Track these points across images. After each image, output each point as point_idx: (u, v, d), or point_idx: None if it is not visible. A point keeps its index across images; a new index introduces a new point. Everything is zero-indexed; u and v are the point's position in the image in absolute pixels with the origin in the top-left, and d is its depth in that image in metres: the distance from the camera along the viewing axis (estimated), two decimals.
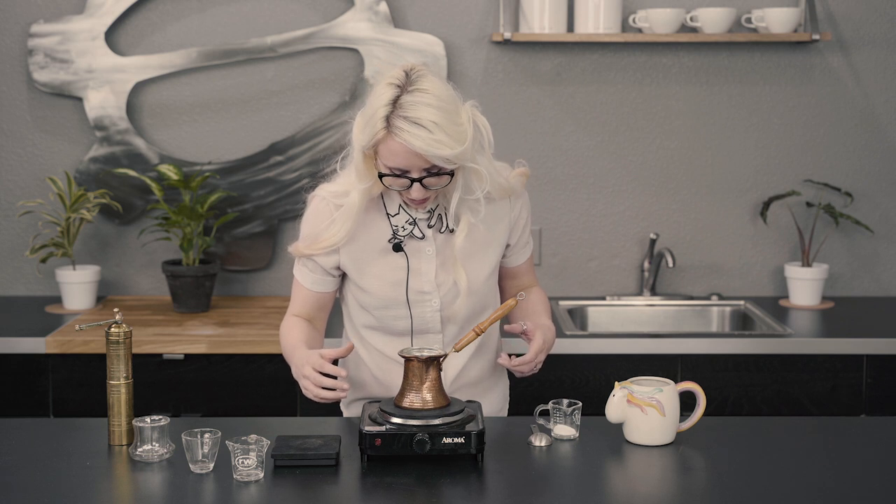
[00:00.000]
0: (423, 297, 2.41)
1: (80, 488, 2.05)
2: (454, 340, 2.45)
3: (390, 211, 2.40)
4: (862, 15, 3.75)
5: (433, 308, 2.42)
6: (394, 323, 2.44)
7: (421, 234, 2.40)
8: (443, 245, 2.41)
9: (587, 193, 3.82)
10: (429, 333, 2.44)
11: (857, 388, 3.26)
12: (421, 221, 2.40)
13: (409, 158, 2.22)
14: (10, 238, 3.79)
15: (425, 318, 2.43)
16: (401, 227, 2.39)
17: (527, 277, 2.61)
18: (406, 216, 2.39)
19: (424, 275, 2.41)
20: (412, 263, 2.40)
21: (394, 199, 2.39)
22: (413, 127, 2.18)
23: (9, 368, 3.23)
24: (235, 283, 3.83)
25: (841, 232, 3.84)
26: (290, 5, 3.72)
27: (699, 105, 3.79)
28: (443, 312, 2.43)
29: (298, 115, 3.75)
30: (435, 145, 2.19)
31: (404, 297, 2.40)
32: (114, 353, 2.25)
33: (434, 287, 2.41)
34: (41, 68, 3.67)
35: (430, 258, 2.41)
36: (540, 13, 3.61)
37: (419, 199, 2.31)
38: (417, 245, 2.40)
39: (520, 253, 2.56)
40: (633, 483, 2.15)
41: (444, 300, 2.42)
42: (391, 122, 2.20)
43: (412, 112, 2.19)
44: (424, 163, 2.23)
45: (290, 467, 2.11)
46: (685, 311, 3.75)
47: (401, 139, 2.19)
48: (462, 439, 2.12)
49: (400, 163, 2.23)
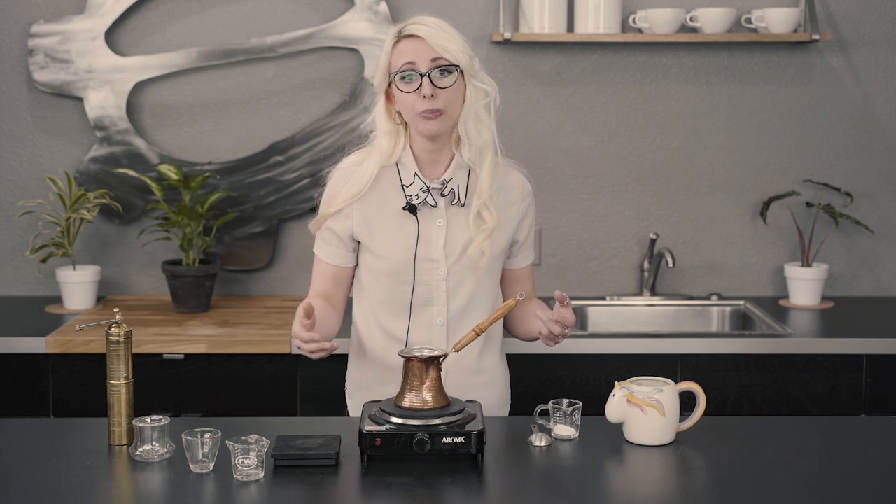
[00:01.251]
0: (431, 266, 2.46)
1: (80, 488, 2.05)
2: (457, 316, 2.48)
3: (405, 181, 2.47)
4: (862, 15, 3.75)
5: (439, 277, 2.46)
6: (401, 290, 2.47)
7: (434, 202, 2.46)
8: (454, 216, 2.47)
9: (587, 193, 3.82)
10: (433, 306, 2.47)
11: (857, 388, 3.26)
12: (434, 191, 2.46)
13: (416, 50, 2.39)
14: (10, 238, 3.79)
15: (431, 287, 2.46)
16: (415, 195, 2.46)
17: (528, 284, 2.65)
18: (420, 184, 2.46)
19: (434, 242, 2.46)
20: (422, 230, 2.46)
21: (408, 168, 2.47)
22: (418, 24, 2.42)
23: (9, 368, 3.23)
24: (235, 283, 3.83)
25: (841, 232, 3.84)
26: (290, 5, 3.72)
27: (699, 105, 3.79)
28: (448, 282, 2.47)
29: (298, 115, 3.75)
30: (438, 33, 2.40)
31: (412, 263, 2.45)
32: (114, 353, 2.25)
33: (442, 256, 2.46)
34: (41, 68, 3.67)
35: (441, 229, 2.47)
36: (540, 13, 3.61)
37: (429, 105, 2.38)
38: (429, 213, 2.47)
39: (524, 255, 2.61)
40: (633, 483, 2.15)
41: (450, 269, 2.46)
42: (400, 32, 2.43)
43: (418, 19, 2.44)
44: (430, 52, 2.38)
45: (290, 467, 2.11)
46: (685, 311, 3.75)
47: (409, 31, 2.41)
48: (462, 439, 2.12)
49: (408, 57, 2.39)
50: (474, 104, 2.43)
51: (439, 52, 2.38)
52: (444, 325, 2.49)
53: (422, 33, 2.39)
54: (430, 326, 2.49)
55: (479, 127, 2.44)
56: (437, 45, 2.38)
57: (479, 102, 2.44)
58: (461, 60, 2.39)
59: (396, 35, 2.43)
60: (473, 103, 2.43)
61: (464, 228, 2.48)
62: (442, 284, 2.47)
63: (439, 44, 2.38)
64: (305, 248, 3.81)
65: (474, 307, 2.50)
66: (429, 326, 2.49)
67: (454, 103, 2.42)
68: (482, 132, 2.44)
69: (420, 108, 2.39)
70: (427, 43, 2.38)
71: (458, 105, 2.43)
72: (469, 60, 2.41)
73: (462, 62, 2.40)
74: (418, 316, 2.48)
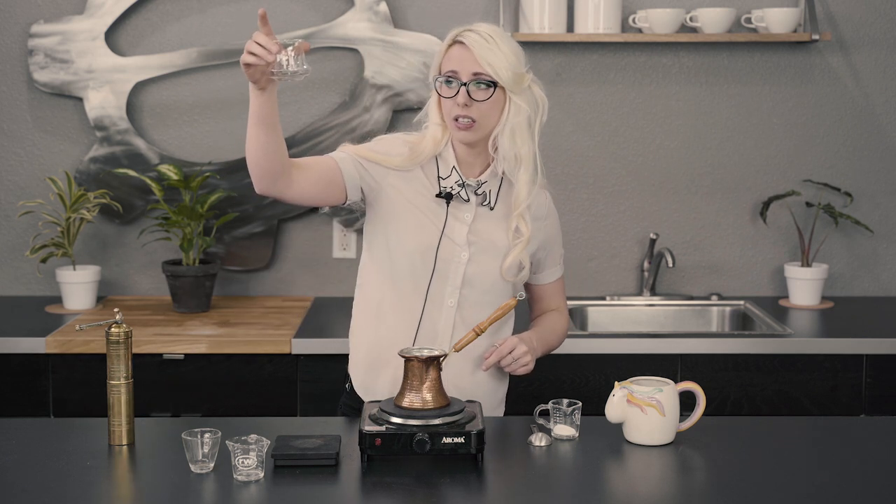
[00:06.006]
0: (454, 248, 2.49)
1: (80, 488, 2.05)
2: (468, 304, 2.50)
3: (442, 173, 2.51)
4: (862, 15, 3.75)
5: (460, 260, 2.49)
6: (422, 265, 2.48)
7: (466, 197, 2.50)
8: (480, 216, 2.51)
9: (587, 193, 3.82)
10: (447, 285, 2.49)
11: (857, 388, 3.26)
12: (468, 188, 2.50)
13: (462, 60, 2.43)
14: (10, 238, 3.79)
15: (450, 266, 2.48)
16: (450, 186, 2.50)
17: (554, 300, 2.69)
18: (457, 178, 2.50)
19: (458, 231, 2.49)
20: (450, 220, 2.49)
21: (448, 162, 2.51)
22: (473, 34, 2.44)
23: (9, 368, 3.23)
24: (235, 283, 3.83)
25: (841, 232, 3.84)
26: (290, 5, 3.72)
27: (699, 105, 3.79)
28: (468, 268, 2.49)
29: (298, 115, 3.75)
30: (486, 45, 2.41)
31: (437, 242, 2.47)
32: (114, 353, 2.25)
33: (465, 242, 2.49)
34: (41, 68, 3.67)
35: (466, 222, 2.50)
36: (540, 13, 3.61)
37: (464, 113, 2.42)
38: (459, 206, 2.51)
39: (550, 271, 2.65)
40: (633, 483, 2.15)
41: (473, 256, 2.49)
42: (457, 37, 2.46)
43: (477, 27, 2.46)
44: (474, 65, 2.41)
45: (290, 467, 2.11)
46: (685, 311, 3.75)
47: (461, 39, 2.44)
48: (462, 439, 2.12)
49: (453, 65, 2.43)
50: (511, 119, 2.46)
51: (482, 66, 2.41)
52: (453, 306, 2.49)
53: (469, 42, 2.42)
54: (441, 306, 2.49)
55: (514, 141, 2.47)
56: (482, 57, 2.41)
57: (517, 118, 2.46)
58: (502, 77, 2.41)
59: (452, 38, 2.47)
60: (511, 119, 2.46)
61: (488, 229, 2.51)
62: (461, 268, 2.49)
63: (483, 56, 2.41)
64: (305, 247, 3.81)
65: (487, 302, 2.51)
66: (440, 305, 2.49)
67: (489, 116, 2.45)
68: (517, 147, 2.47)
69: (454, 113, 2.44)
70: (473, 54, 2.41)
71: (494, 118, 2.46)
72: (513, 77, 2.43)
73: (503, 79, 2.42)
74: (435, 292, 2.49)
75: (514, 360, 2.47)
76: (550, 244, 2.63)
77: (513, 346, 2.47)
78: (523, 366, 2.48)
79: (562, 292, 2.71)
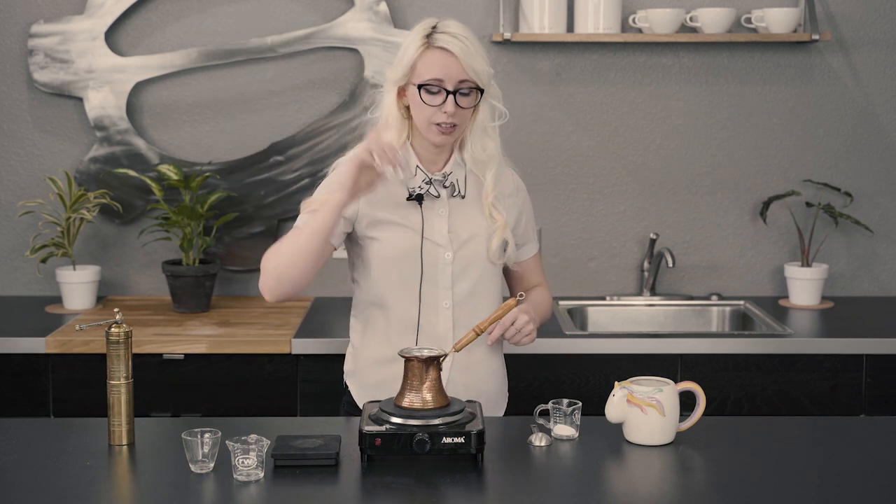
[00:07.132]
0: (437, 250, 2.49)
1: (80, 488, 2.05)
2: (462, 301, 2.51)
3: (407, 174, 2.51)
4: (862, 15, 3.75)
5: (445, 261, 2.49)
6: (410, 272, 2.48)
7: (437, 193, 2.51)
8: (455, 208, 2.52)
9: (587, 193, 3.82)
10: (439, 288, 2.49)
11: (857, 388, 3.26)
12: (436, 183, 2.51)
13: (447, 67, 2.41)
14: (10, 238, 3.79)
15: (437, 269, 2.49)
16: (418, 186, 2.50)
17: (535, 276, 2.70)
18: (423, 176, 2.50)
19: (437, 230, 2.50)
20: (426, 219, 2.50)
21: (410, 162, 2.51)
22: (451, 38, 2.41)
23: (9, 368, 3.23)
24: (235, 283, 3.83)
25: (841, 232, 3.84)
26: (290, 5, 3.72)
27: (699, 105, 3.79)
28: (454, 266, 2.50)
29: (298, 115, 3.75)
30: (471, 54, 2.41)
31: (419, 248, 2.47)
32: (114, 353, 2.25)
33: (447, 241, 2.50)
34: (41, 68, 3.67)
35: (443, 217, 2.51)
36: (540, 13, 3.61)
37: (449, 120, 2.42)
38: (432, 203, 2.51)
39: (526, 248, 2.66)
40: (633, 483, 2.15)
41: (456, 254, 2.50)
42: (431, 38, 2.42)
43: (451, 29, 2.43)
44: (459, 73, 2.41)
45: (290, 467, 2.11)
46: (685, 311, 3.75)
47: (441, 44, 2.40)
48: (462, 439, 2.12)
49: (437, 73, 2.41)
50: (482, 118, 2.50)
51: (467, 74, 2.42)
52: (450, 308, 2.50)
53: (454, 49, 2.41)
54: (437, 309, 2.50)
55: (485, 139, 2.51)
56: (468, 65, 2.41)
57: (485, 115, 2.50)
58: (485, 82, 2.44)
59: (426, 41, 2.43)
60: (481, 117, 2.50)
61: (465, 219, 2.53)
62: (448, 268, 2.50)
63: (469, 64, 2.41)
64: None
65: (479, 291, 2.53)
66: (435, 309, 2.50)
67: (467, 118, 2.49)
68: (487, 144, 2.51)
69: (437, 120, 2.44)
70: (458, 61, 2.41)
71: (469, 118, 2.49)
72: (488, 79, 2.46)
73: (485, 83, 2.45)
74: (427, 298, 2.50)
75: (518, 331, 2.47)
76: (526, 218, 2.64)
77: (514, 318, 2.46)
78: (527, 335, 2.48)
79: (540, 267, 2.72)
